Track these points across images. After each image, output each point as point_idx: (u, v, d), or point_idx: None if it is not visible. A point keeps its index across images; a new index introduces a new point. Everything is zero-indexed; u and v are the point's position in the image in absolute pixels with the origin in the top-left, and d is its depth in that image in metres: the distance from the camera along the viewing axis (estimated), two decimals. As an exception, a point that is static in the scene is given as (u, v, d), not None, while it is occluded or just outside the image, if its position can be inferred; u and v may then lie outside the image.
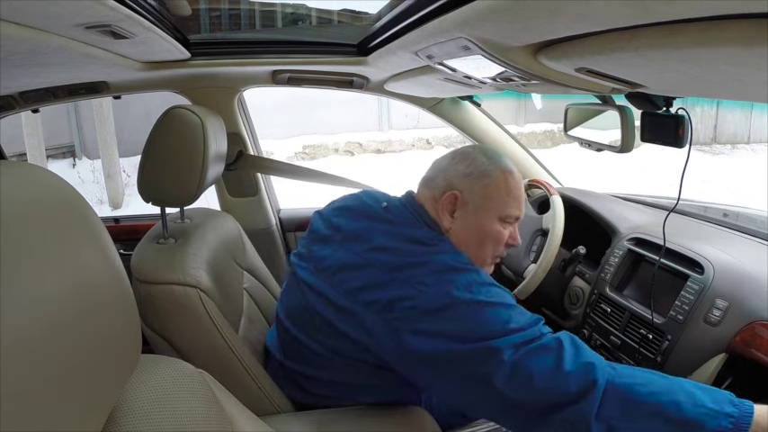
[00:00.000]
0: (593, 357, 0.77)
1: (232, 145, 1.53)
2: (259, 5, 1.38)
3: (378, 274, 0.86)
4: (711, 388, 0.76)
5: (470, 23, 0.62)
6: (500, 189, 0.93)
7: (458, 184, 0.93)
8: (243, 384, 0.96)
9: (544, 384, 0.75)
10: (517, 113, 7.84)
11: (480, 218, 0.93)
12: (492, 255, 0.97)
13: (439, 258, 0.86)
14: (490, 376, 0.77)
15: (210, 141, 1.03)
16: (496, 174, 0.93)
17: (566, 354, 0.77)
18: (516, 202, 0.95)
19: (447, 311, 0.80)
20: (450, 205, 0.93)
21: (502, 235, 0.95)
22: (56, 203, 0.35)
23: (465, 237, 0.93)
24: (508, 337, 0.78)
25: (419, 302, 0.81)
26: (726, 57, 0.47)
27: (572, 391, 0.74)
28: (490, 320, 0.80)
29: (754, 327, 0.87)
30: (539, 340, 0.78)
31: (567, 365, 0.76)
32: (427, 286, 0.82)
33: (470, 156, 0.96)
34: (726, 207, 1.43)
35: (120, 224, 1.71)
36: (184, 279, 0.95)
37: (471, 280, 0.83)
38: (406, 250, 0.88)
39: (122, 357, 0.40)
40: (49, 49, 0.78)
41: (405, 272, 0.85)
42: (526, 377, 0.76)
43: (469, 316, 0.80)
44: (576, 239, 1.28)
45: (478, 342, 0.78)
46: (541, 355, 0.77)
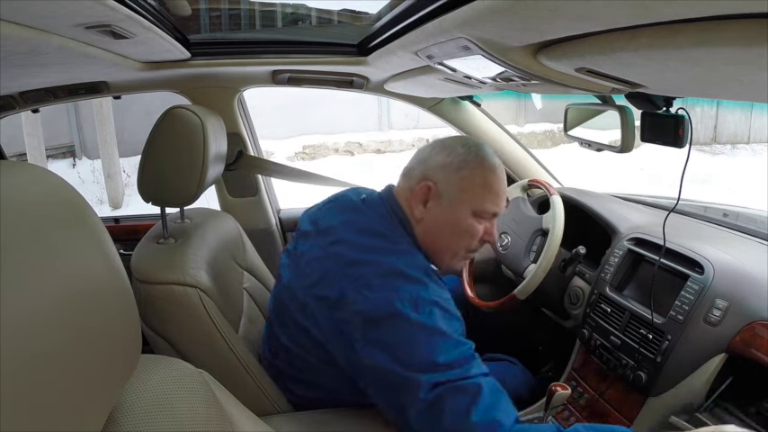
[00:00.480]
0: (503, 414, 0.77)
1: (232, 145, 1.53)
2: (259, 5, 1.38)
3: (332, 267, 0.86)
4: (607, 429, 0.80)
5: (470, 23, 0.62)
6: (476, 182, 0.91)
7: (434, 174, 0.92)
8: (243, 384, 0.96)
9: (449, 427, 0.76)
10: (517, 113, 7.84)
11: (454, 211, 0.91)
12: (465, 249, 0.95)
13: (389, 261, 0.85)
14: (406, 407, 0.78)
15: (210, 141, 1.03)
16: (474, 166, 0.91)
17: (480, 403, 0.77)
18: (494, 196, 0.93)
19: (387, 322, 0.79)
20: (423, 196, 0.91)
21: (475, 230, 0.92)
22: (56, 203, 0.35)
23: (436, 228, 0.92)
24: (432, 374, 0.77)
25: (362, 308, 0.81)
26: (726, 57, 0.47)
27: None
28: (422, 348, 0.78)
29: (754, 327, 0.87)
30: (461, 381, 0.77)
31: (475, 416, 0.75)
32: (371, 290, 0.81)
33: (450, 146, 0.94)
34: (726, 207, 1.43)
35: (120, 224, 1.71)
36: (184, 279, 0.95)
37: (417, 294, 0.81)
38: (362, 244, 0.87)
39: (122, 357, 0.40)
40: (49, 49, 0.78)
41: (355, 269, 0.84)
42: (436, 416, 0.76)
43: (405, 335, 0.79)
44: (575, 239, 1.28)
45: (406, 369, 0.78)
46: (457, 396, 0.77)
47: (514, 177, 1.71)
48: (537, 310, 1.50)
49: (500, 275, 1.59)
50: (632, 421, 1.02)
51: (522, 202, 1.42)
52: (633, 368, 1.03)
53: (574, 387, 1.18)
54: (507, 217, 1.43)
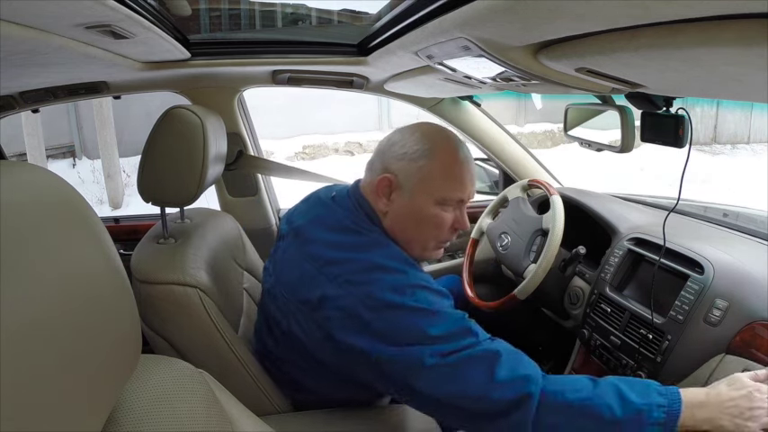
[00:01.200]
0: (528, 368, 0.77)
1: (232, 145, 1.53)
2: (259, 5, 1.38)
3: (309, 269, 0.86)
4: (637, 381, 0.79)
5: (470, 23, 0.62)
6: (435, 171, 0.89)
7: (393, 166, 0.90)
8: (243, 384, 0.96)
9: (475, 393, 0.75)
10: (517, 113, 7.84)
11: (416, 202, 0.89)
12: (435, 240, 0.94)
13: (366, 256, 0.84)
14: (412, 381, 0.77)
15: (210, 141, 1.03)
16: (432, 155, 0.89)
17: (500, 364, 0.76)
18: (456, 183, 0.90)
19: (373, 313, 0.79)
20: (385, 189, 0.90)
21: (441, 219, 0.91)
22: (56, 203, 0.35)
23: (402, 220, 0.90)
24: (430, 346, 0.77)
25: (346, 303, 0.81)
26: (726, 57, 0.47)
27: (506, 401, 0.74)
28: (413, 326, 0.78)
29: (754, 327, 0.87)
30: (468, 349, 0.77)
31: (500, 375, 0.75)
32: (354, 285, 0.81)
33: (407, 136, 0.91)
34: (726, 207, 1.43)
35: (120, 224, 1.71)
36: (184, 279, 0.95)
37: (399, 281, 0.81)
38: (334, 242, 0.87)
39: (122, 357, 0.40)
40: (49, 49, 0.78)
41: (332, 268, 0.84)
42: (454, 384, 0.76)
43: (394, 320, 0.79)
44: (575, 239, 1.28)
45: (402, 347, 0.77)
46: (472, 364, 0.76)
47: (514, 177, 1.71)
48: (537, 310, 1.50)
49: (500, 275, 1.59)
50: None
51: (522, 202, 1.42)
52: (633, 368, 1.02)
53: (574, 387, 1.18)
54: (507, 217, 1.43)
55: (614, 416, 0.72)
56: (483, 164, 1.86)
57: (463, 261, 1.49)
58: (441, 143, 0.91)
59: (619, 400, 0.74)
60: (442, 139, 0.92)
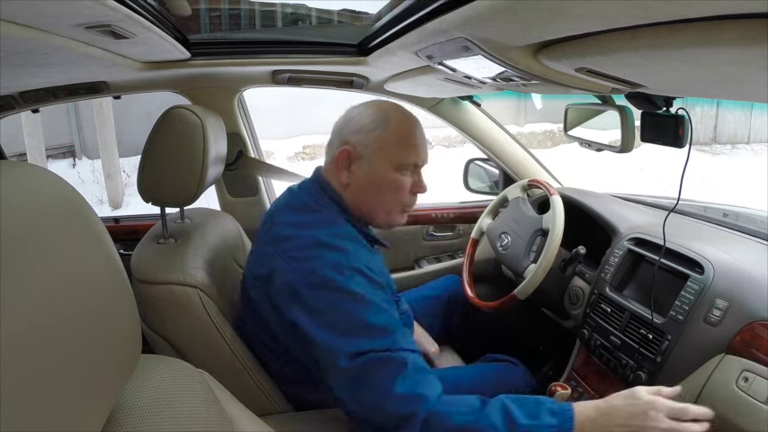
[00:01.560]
0: (426, 388, 0.79)
1: (232, 145, 1.53)
2: (259, 5, 1.38)
3: (267, 248, 0.92)
4: (530, 400, 0.80)
5: (470, 23, 0.62)
6: (391, 138, 0.94)
7: (350, 139, 0.95)
8: (243, 384, 0.96)
9: (370, 398, 0.79)
10: (517, 113, 7.84)
11: (375, 169, 0.95)
12: (398, 204, 0.98)
13: (313, 233, 0.89)
14: (327, 373, 0.82)
15: (210, 141, 1.03)
16: (387, 124, 0.95)
17: (405, 375, 0.79)
18: (411, 148, 0.96)
19: (311, 290, 0.84)
20: (345, 161, 0.95)
21: (400, 183, 0.96)
22: (56, 203, 0.35)
23: (363, 189, 0.96)
24: (353, 340, 0.80)
25: (289, 279, 0.86)
26: (726, 57, 0.47)
27: (396, 415, 0.77)
28: (343, 313, 0.82)
29: (754, 327, 0.87)
30: (384, 352, 0.80)
31: (398, 388, 0.78)
32: (298, 261, 0.86)
33: (361, 112, 0.98)
34: (726, 207, 1.43)
35: (120, 224, 1.70)
36: (184, 279, 0.95)
37: (339, 260, 0.85)
38: (291, 221, 0.93)
39: (122, 357, 0.40)
40: (49, 49, 0.78)
41: (283, 244, 0.90)
42: (359, 386, 0.80)
43: (328, 301, 0.83)
44: (575, 239, 1.28)
45: (326, 334, 0.82)
46: (381, 368, 0.79)
47: (514, 177, 1.71)
48: (537, 310, 1.50)
49: (500, 275, 1.59)
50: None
51: (522, 202, 1.42)
52: (633, 368, 1.02)
53: (574, 387, 1.18)
54: (507, 217, 1.43)
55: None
56: (483, 164, 1.86)
57: (463, 261, 1.49)
58: (393, 114, 0.97)
59: (506, 421, 0.76)
60: (394, 110, 0.98)
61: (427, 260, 1.83)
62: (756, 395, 0.83)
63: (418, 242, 1.82)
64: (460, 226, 1.84)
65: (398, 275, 1.75)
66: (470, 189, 1.88)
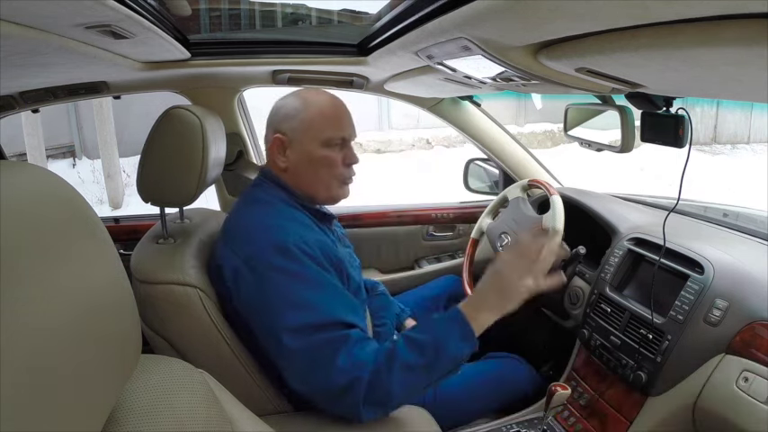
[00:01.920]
0: (366, 354, 0.86)
1: (232, 145, 1.53)
2: (259, 5, 1.38)
3: (218, 243, 1.01)
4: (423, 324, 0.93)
5: (470, 23, 0.62)
6: (313, 119, 1.02)
7: (280, 128, 1.04)
8: (243, 384, 0.96)
9: (316, 376, 0.85)
10: (517, 113, 7.84)
11: (305, 149, 1.02)
12: (335, 177, 1.05)
13: (252, 219, 0.97)
14: (276, 356, 0.89)
15: (210, 141, 1.03)
16: (307, 108, 1.03)
17: (346, 349, 0.85)
18: (335, 123, 1.03)
19: (251, 273, 0.90)
20: (279, 148, 1.03)
21: (331, 158, 1.03)
22: (56, 203, 0.35)
23: (300, 169, 1.03)
24: (292, 315, 0.86)
25: (233, 263, 0.92)
26: (726, 57, 0.47)
27: (338, 385, 0.84)
28: (283, 291, 0.88)
29: (754, 327, 0.87)
30: (319, 332, 0.86)
31: (340, 361, 0.84)
32: (239, 247, 0.93)
33: (286, 102, 1.06)
34: (726, 207, 1.43)
35: (120, 224, 1.70)
36: (184, 279, 0.95)
37: (276, 241, 0.91)
38: (239, 214, 1.02)
39: (122, 357, 0.40)
40: (49, 49, 0.78)
41: (227, 235, 0.99)
42: (303, 365, 0.86)
43: (268, 280, 0.89)
44: (576, 239, 1.28)
45: (268, 314, 0.88)
46: (323, 346, 0.85)
47: (514, 177, 1.71)
48: (537, 310, 1.50)
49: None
50: (632, 421, 1.02)
51: (522, 202, 1.42)
52: (633, 368, 1.02)
53: (574, 387, 1.18)
54: (507, 217, 1.43)
55: (420, 361, 0.85)
56: (483, 164, 1.86)
57: (463, 261, 1.49)
58: (313, 96, 1.05)
59: (413, 350, 0.86)
60: (314, 93, 1.07)
61: (427, 260, 1.83)
62: (756, 395, 0.83)
63: (418, 242, 1.82)
64: (460, 226, 1.84)
65: (398, 275, 1.75)
66: (470, 189, 1.88)
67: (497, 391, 1.21)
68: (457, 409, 1.16)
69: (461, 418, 1.17)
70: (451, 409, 1.14)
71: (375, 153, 7.38)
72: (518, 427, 1.14)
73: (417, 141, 7.61)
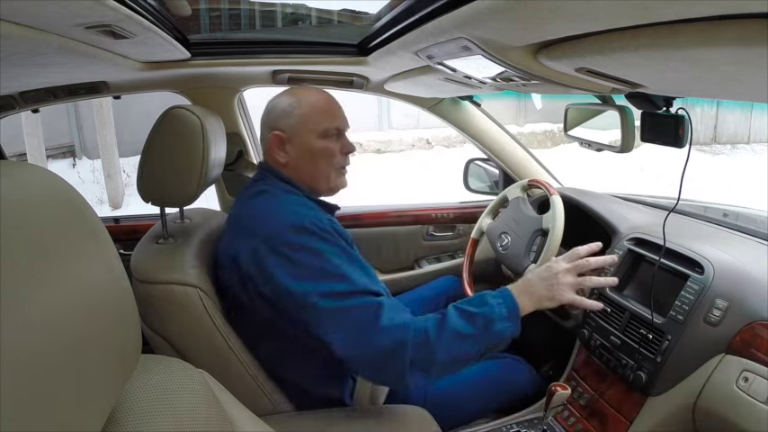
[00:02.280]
0: (406, 317, 0.91)
1: (232, 145, 1.53)
2: (259, 5, 1.38)
3: (227, 235, 1.03)
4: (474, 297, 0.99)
5: (470, 23, 0.62)
6: (308, 113, 1.07)
7: (277, 125, 1.08)
8: (243, 384, 0.96)
9: (358, 338, 0.88)
10: (517, 113, 7.84)
11: (304, 142, 1.06)
12: (334, 167, 1.09)
13: (264, 206, 1.00)
14: (310, 322, 0.90)
15: (210, 141, 1.03)
16: (301, 104, 1.07)
17: (383, 313, 0.88)
18: (327, 115, 1.08)
19: (273, 252, 0.92)
20: (278, 144, 1.07)
21: (330, 149, 1.07)
22: (56, 203, 0.35)
23: (300, 163, 1.07)
24: (322, 283, 0.89)
25: (253, 247, 0.94)
26: (726, 57, 0.47)
27: (385, 347, 0.87)
28: (308, 266, 0.90)
29: (754, 327, 0.87)
30: (352, 297, 0.89)
31: (382, 322, 0.88)
32: (255, 232, 0.95)
33: (279, 100, 1.11)
34: (726, 207, 1.43)
35: (120, 224, 1.70)
36: (184, 279, 0.95)
37: (292, 222, 0.94)
38: (246, 206, 1.04)
39: (122, 357, 0.40)
40: (48, 49, 0.78)
41: (240, 224, 1.01)
42: (341, 327, 0.89)
43: (292, 257, 0.91)
44: (575, 239, 1.28)
45: (298, 281, 0.90)
46: (359, 309, 0.89)
47: (514, 177, 1.71)
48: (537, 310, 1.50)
49: (500, 275, 1.59)
50: (632, 421, 1.02)
51: (522, 202, 1.42)
52: (633, 368, 1.02)
53: (574, 387, 1.18)
54: (507, 217, 1.43)
55: (469, 330, 0.91)
56: (483, 164, 1.86)
57: (463, 261, 1.49)
58: (305, 93, 1.10)
59: (464, 318, 0.92)
60: (305, 90, 1.12)
61: (427, 260, 1.83)
62: (756, 395, 0.83)
63: (418, 242, 1.82)
64: (460, 226, 1.84)
65: (398, 275, 1.75)
66: (470, 189, 1.88)
67: (497, 391, 1.21)
68: (457, 409, 1.16)
69: (461, 418, 1.17)
70: (451, 409, 1.14)
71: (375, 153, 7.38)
72: (518, 427, 1.14)
73: (417, 141, 7.61)
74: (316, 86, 1.12)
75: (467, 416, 1.18)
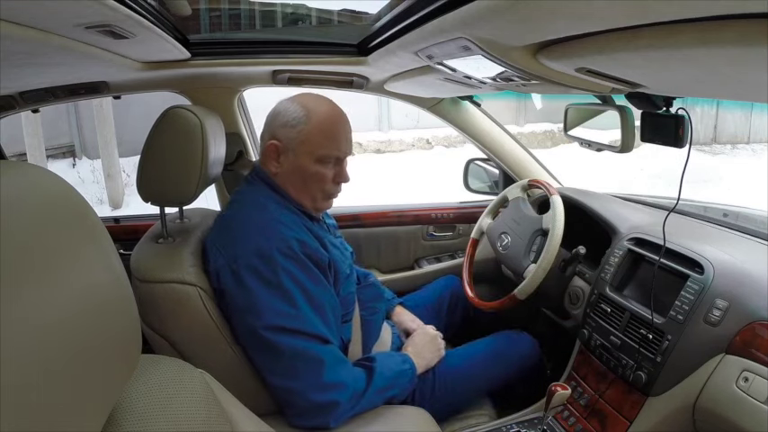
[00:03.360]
0: (346, 377, 0.94)
1: (232, 145, 1.53)
2: (259, 5, 1.38)
3: (208, 245, 1.02)
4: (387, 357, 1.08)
5: (470, 23, 0.62)
6: (313, 133, 1.01)
7: (277, 134, 1.03)
8: (243, 384, 0.96)
9: (295, 382, 0.90)
10: (517, 113, 7.84)
11: (299, 162, 1.02)
12: (321, 192, 1.06)
13: (242, 219, 0.99)
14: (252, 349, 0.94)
15: (209, 141, 1.03)
16: (309, 119, 1.01)
17: (328, 365, 0.92)
18: (331, 142, 1.02)
19: (235, 276, 0.93)
20: (273, 153, 1.04)
21: (322, 175, 1.03)
22: (56, 204, 0.35)
23: (290, 179, 1.04)
24: (268, 317, 0.90)
25: (223, 263, 0.95)
26: (726, 57, 0.47)
27: (317, 402, 0.91)
28: (259, 295, 0.91)
29: (754, 327, 0.87)
30: (303, 338, 0.91)
31: (325, 377, 0.91)
32: (226, 248, 0.96)
33: (288, 106, 1.04)
34: (726, 207, 1.43)
35: (120, 224, 1.70)
36: (184, 278, 0.95)
37: (260, 246, 0.93)
38: (230, 215, 1.03)
39: (123, 357, 0.40)
40: (48, 49, 0.78)
41: (217, 237, 1.00)
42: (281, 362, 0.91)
43: (249, 287, 0.91)
44: (575, 239, 1.28)
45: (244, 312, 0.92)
46: (304, 352, 0.91)
47: (514, 177, 1.71)
48: (537, 310, 1.50)
49: (500, 275, 1.59)
50: (632, 421, 1.02)
51: (522, 202, 1.42)
52: (633, 368, 1.02)
53: (574, 387, 1.18)
54: (507, 217, 1.43)
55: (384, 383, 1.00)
56: (483, 164, 1.86)
57: (463, 261, 1.49)
58: (316, 108, 1.03)
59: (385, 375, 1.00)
60: (318, 104, 1.04)
61: (427, 260, 1.83)
62: (756, 395, 0.83)
63: (418, 242, 1.82)
64: (460, 226, 1.84)
65: (398, 275, 1.75)
66: (470, 189, 1.88)
67: (505, 364, 1.25)
68: (467, 384, 1.19)
69: (471, 394, 1.21)
70: (460, 386, 1.18)
71: (375, 153, 7.38)
72: (518, 427, 1.14)
73: (417, 141, 7.61)
74: (329, 100, 1.07)
75: (476, 393, 1.22)
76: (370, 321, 1.19)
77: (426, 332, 1.22)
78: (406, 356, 1.10)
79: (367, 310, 1.20)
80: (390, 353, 1.15)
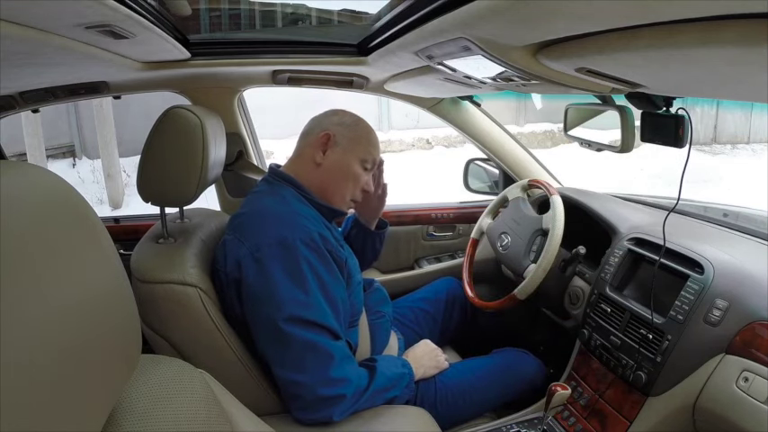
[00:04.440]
0: (351, 373, 0.96)
1: (232, 145, 1.53)
2: (259, 5, 1.38)
3: (226, 239, 1.03)
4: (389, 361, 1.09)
5: (470, 23, 0.62)
6: (362, 137, 1.12)
7: (331, 128, 1.11)
8: (243, 384, 0.96)
9: (304, 375, 0.91)
10: (517, 113, 7.84)
11: (346, 158, 1.10)
12: (351, 194, 1.12)
13: (265, 210, 1.01)
14: (264, 338, 0.95)
15: (210, 141, 1.03)
16: (358, 125, 1.13)
17: (337, 361, 0.93)
18: (374, 148, 1.14)
19: (256, 264, 0.94)
20: (323, 144, 1.09)
21: (361, 177, 1.12)
22: (56, 204, 0.35)
23: (332, 172, 1.09)
24: (286, 307, 0.91)
25: (244, 251, 0.96)
26: (726, 57, 0.47)
27: (323, 395, 0.92)
28: (278, 284, 0.92)
29: (754, 327, 0.87)
30: (315, 331, 0.92)
31: (333, 372, 0.92)
32: (245, 237, 0.97)
33: (342, 111, 1.16)
34: (726, 207, 1.43)
35: (120, 224, 1.70)
36: (184, 278, 0.95)
37: (284, 235, 0.94)
38: (250, 211, 1.04)
39: (123, 357, 0.40)
40: (48, 49, 0.78)
41: (240, 230, 1.00)
42: (293, 354, 0.92)
43: (266, 272, 0.93)
44: (575, 239, 1.28)
45: (262, 301, 0.93)
46: (315, 346, 0.92)
47: (514, 177, 1.71)
48: (537, 310, 1.50)
49: (500, 275, 1.59)
50: (632, 421, 1.02)
51: (522, 202, 1.42)
52: (633, 368, 1.02)
53: (574, 387, 1.18)
54: (507, 217, 1.43)
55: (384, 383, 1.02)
56: (483, 164, 1.86)
57: (463, 261, 1.49)
58: (361, 120, 1.16)
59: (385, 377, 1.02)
60: (361, 118, 1.17)
61: (427, 260, 1.83)
62: (756, 395, 0.83)
63: (418, 242, 1.82)
64: (460, 226, 1.84)
65: (398, 275, 1.75)
66: (470, 189, 1.88)
67: (507, 383, 1.24)
68: (467, 401, 1.18)
69: (471, 411, 1.19)
70: (461, 401, 1.17)
71: (375, 153, 7.37)
72: (518, 427, 1.14)
73: (417, 141, 7.61)
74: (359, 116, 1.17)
75: (477, 408, 1.21)
76: (378, 325, 1.20)
77: (427, 343, 1.24)
78: (405, 361, 1.12)
79: (374, 314, 1.21)
80: (390, 356, 1.16)
